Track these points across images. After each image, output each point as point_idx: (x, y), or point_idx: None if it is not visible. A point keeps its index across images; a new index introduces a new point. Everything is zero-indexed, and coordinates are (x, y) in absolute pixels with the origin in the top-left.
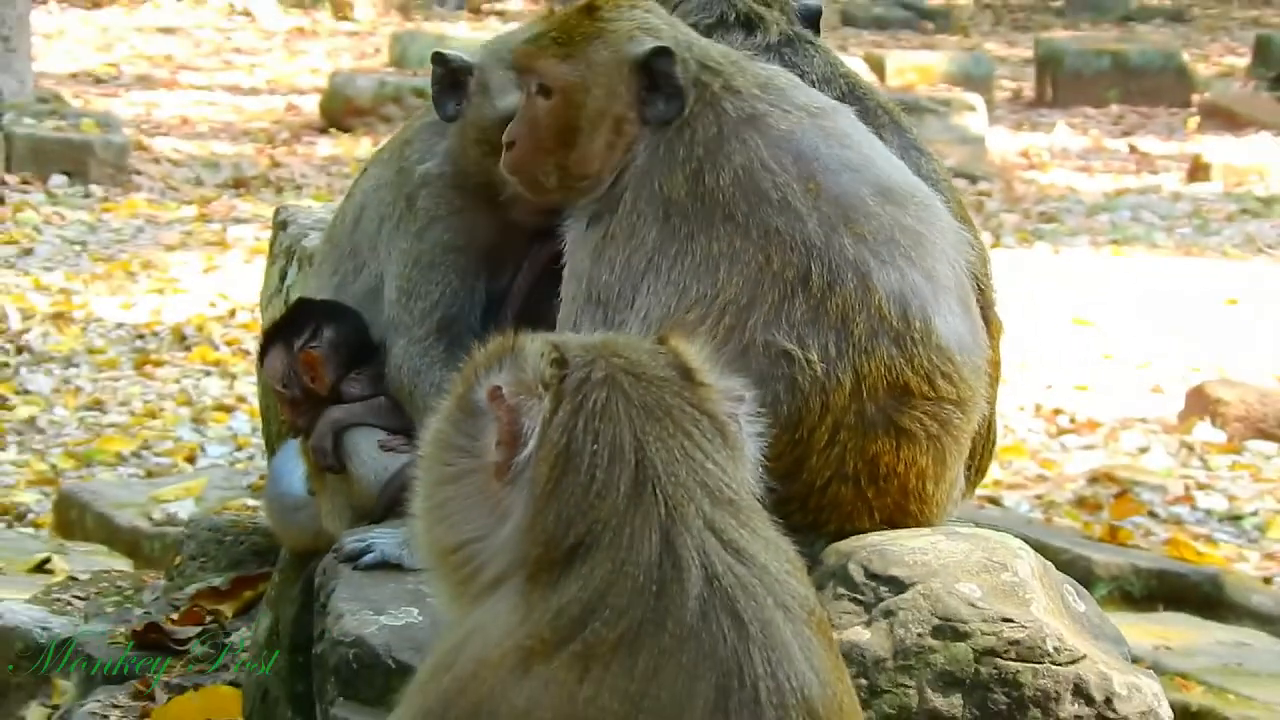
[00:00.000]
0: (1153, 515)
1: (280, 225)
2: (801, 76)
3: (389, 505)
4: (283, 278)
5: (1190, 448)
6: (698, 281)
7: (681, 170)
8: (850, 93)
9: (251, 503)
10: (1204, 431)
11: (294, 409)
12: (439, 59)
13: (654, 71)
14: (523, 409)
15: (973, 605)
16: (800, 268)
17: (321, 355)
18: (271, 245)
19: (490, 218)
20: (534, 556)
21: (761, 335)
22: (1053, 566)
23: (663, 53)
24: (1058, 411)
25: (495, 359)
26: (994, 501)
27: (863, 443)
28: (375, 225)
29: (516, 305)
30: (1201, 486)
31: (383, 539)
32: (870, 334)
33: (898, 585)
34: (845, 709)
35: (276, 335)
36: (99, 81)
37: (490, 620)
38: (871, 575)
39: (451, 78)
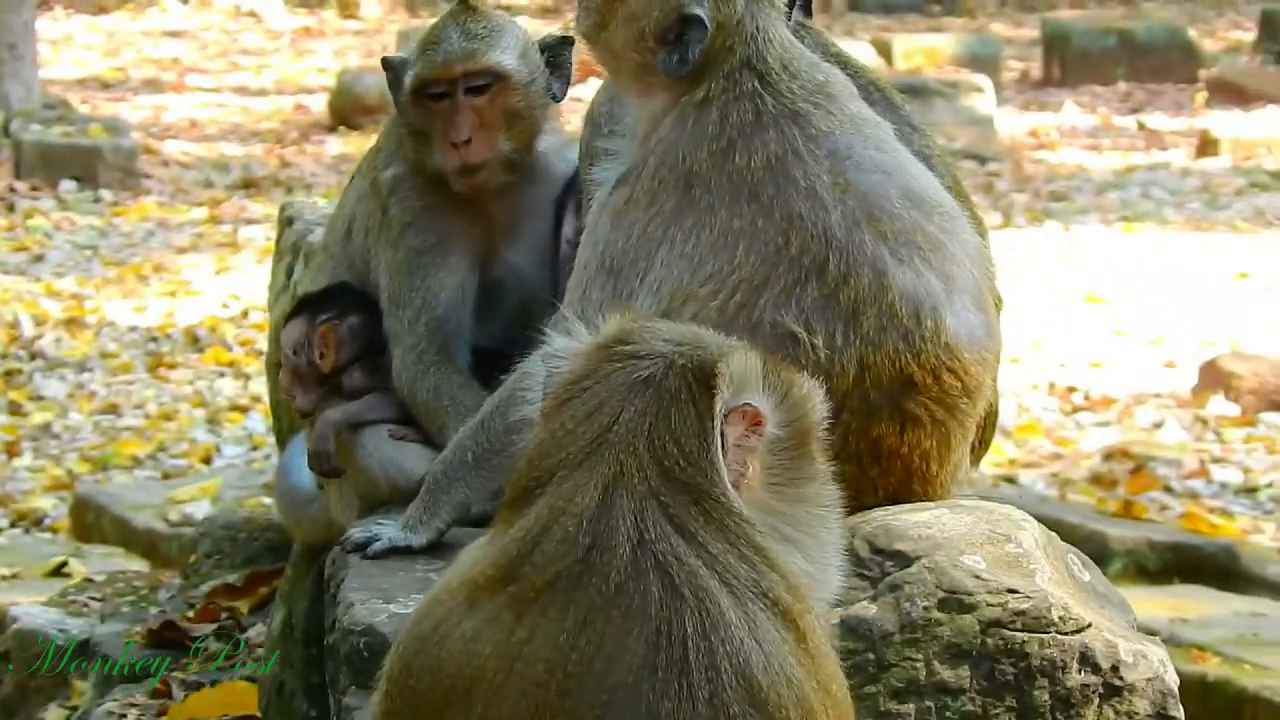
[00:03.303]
0: (1168, 490)
1: (286, 222)
2: None
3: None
4: (289, 274)
5: (1204, 422)
6: (714, 256)
7: (709, 145)
8: (842, 71)
9: (267, 501)
10: (1218, 405)
11: (293, 378)
12: (385, 64)
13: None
14: (556, 368)
15: (978, 577)
16: (818, 255)
17: (338, 335)
18: (278, 242)
19: (457, 207)
20: (508, 493)
21: (770, 315)
22: (1057, 537)
23: (695, 21)
24: (1071, 389)
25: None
26: (1009, 480)
27: (866, 425)
28: (363, 238)
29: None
30: (1216, 460)
31: (388, 527)
32: (879, 328)
33: (903, 559)
34: (799, 694)
35: (305, 305)
36: (106, 86)
37: (469, 549)
38: (877, 550)
39: (399, 79)
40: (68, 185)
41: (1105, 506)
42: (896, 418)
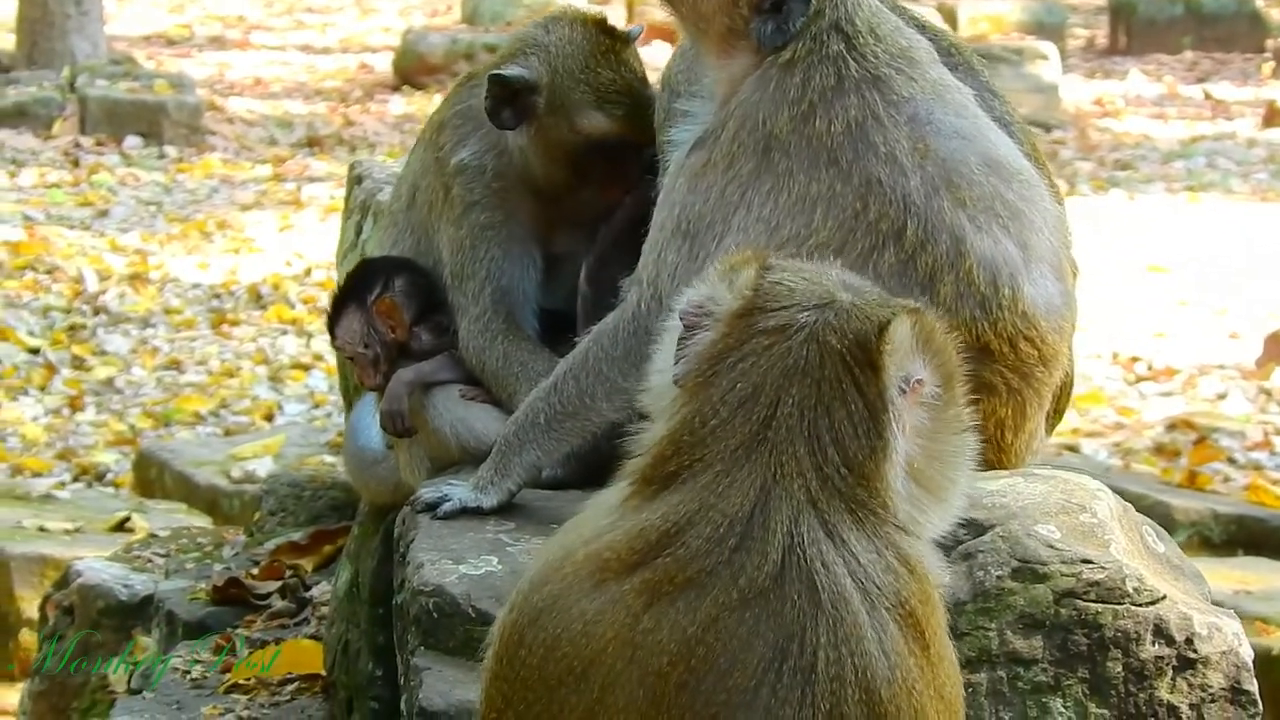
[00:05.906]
0: (1231, 461)
1: (355, 180)
2: None
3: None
4: (358, 232)
5: (1268, 393)
6: (791, 220)
7: (790, 109)
8: (922, 35)
9: (329, 459)
10: None
11: (375, 368)
12: (498, 80)
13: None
14: (695, 329)
15: (1052, 547)
16: (896, 221)
17: (397, 301)
18: (347, 200)
19: (533, 202)
20: (644, 466)
21: None
22: (1131, 507)
23: None
24: (1135, 359)
25: (725, 274)
26: (1072, 449)
27: None
28: (425, 210)
29: (608, 242)
30: None
31: (458, 488)
32: (956, 295)
33: (977, 528)
34: (918, 705)
35: (347, 299)
36: (171, 43)
37: (591, 512)
38: None
39: (511, 93)
40: (133, 141)
41: (1170, 477)
42: (972, 385)
